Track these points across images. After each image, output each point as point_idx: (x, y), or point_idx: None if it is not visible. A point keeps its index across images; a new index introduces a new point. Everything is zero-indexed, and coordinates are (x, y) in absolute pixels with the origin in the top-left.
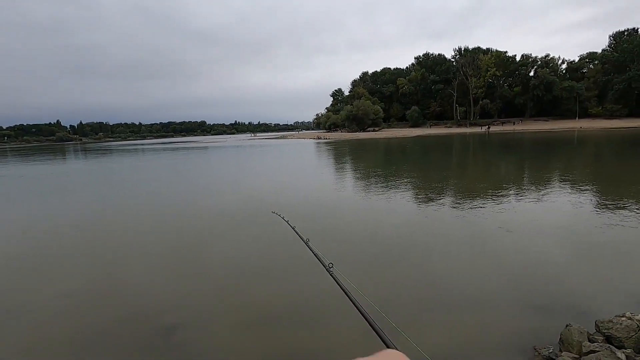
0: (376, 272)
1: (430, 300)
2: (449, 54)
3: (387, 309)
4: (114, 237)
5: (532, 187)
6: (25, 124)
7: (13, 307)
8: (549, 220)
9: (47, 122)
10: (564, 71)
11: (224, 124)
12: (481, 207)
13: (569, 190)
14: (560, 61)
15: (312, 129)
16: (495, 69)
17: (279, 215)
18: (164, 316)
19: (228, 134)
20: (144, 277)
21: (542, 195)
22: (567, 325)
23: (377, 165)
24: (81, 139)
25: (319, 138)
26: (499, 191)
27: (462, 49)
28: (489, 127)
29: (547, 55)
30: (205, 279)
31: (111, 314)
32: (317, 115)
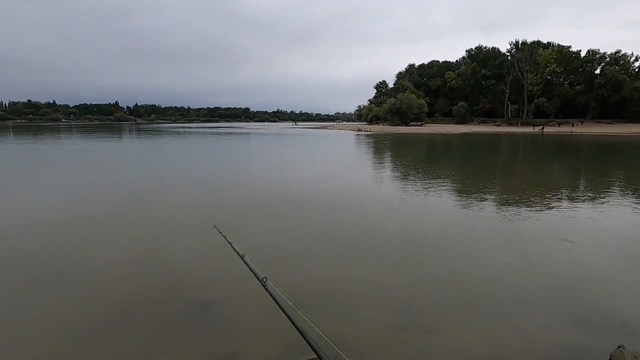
0: (406, 270)
1: (462, 303)
2: (503, 47)
3: (417, 306)
4: (160, 211)
5: (590, 194)
6: (88, 104)
7: (67, 268)
8: (607, 231)
9: (107, 103)
10: (636, 70)
11: (266, 112)
12: (529, 212)
13: (634, 200)
14: (633, 58)
15: (353, 121)
16: (555, 64)
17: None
18: (203, 290)
19: (270, 121)
20: (185, 251)
21: (601, 203)
22: (619, 347)
23: (417, 161)
24: (136, 120)
25: (359, 130)
26: (551, 196)
27: (520, 42)
28: (542, 128)
29: (618, 52)
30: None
31: (154, 284)
32: (358, 106)
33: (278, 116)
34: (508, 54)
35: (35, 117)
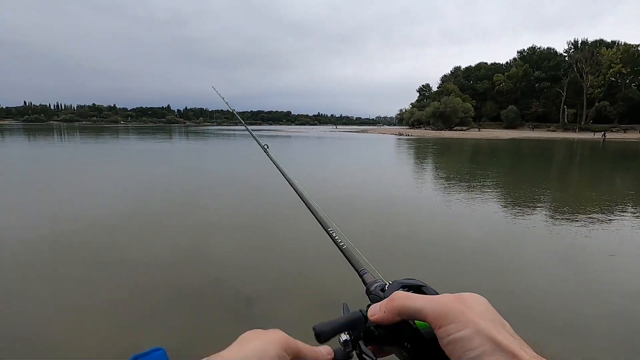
0: (449, 279)
1: (510, 318)
2: (560, 47)
3: None
4: (205, 208)
5: None
6: (144, 107)
7: (119, 260)
8: None
9: (160, 106)
10: None
11: (307, 115)
12: (584, 227)
13: None
14: None
15: (394, 125)
16: (620, 65)
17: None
18: (244, 287)
19: (310, 124)
20: (227, 249)
21: None
22: None
23: (462, 168)
24: (185, 122)
25: (400, 134)
26: (612, 210)
27: (579, 41)
28: (604, 134)
29: None
30: (285, 256)
31: (198, 279)
32: (400, 110)
33: (319, 119)
34: (565, 54)
35: (98, 119)
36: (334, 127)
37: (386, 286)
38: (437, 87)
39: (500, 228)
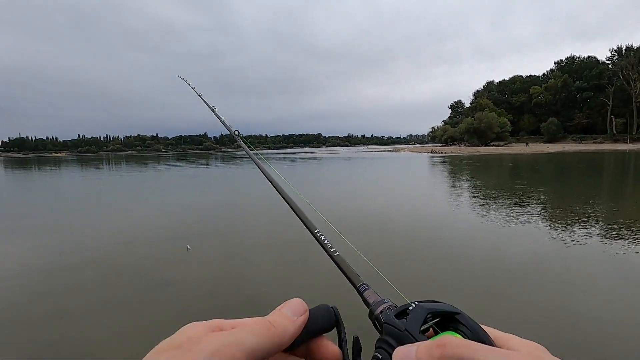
0: (497, 301)
1: (568, 343)
2: (601, 55)
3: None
4: (246, 231)
5: None
6: (182, 135)
7: (164, 279)
8: None
9: (198, 134)
10: None
11: (338, 136)
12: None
13: None
14: None
15: (427, 143)
16: None
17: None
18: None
19: (341, 145)
20: (262, 270)
21: None
22: None
23: (501, 185)
24: (220, 148)
25: (433, 152)
26: None
27: (624, 47)
28: None
29: None
30: (319, 276)
31: (236, 299)
32: (432, 128)
33: (349, 140)
34: (609, 62)
35: (142, 148)
36: (365, 147)
37: (408, 308)
38: (470, 103)
39: (550, 246)
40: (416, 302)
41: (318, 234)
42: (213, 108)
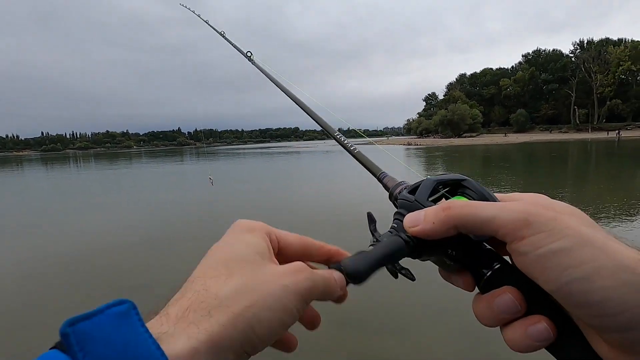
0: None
1: None
2: (566, 49)
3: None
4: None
5: None
6: (155, 131)
7: (149, 282)
8: None
9: (171, 130)
10: None
11: (315, 130)
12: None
13: None
14: None
15: (402, 135)
16: (630, 62)
17: None
18: None
19: (319, 139)
20: None
21: None
22: None
23: (475, 174)
24: (195, 144)
25: (409, 144)
26: (636, 213)
27: (585, 41)
28: (619, 132)
29: None
30: None
31: None
32: (407, 120)
33: (327, 134)
34: (572, 55)
35: (112, 145)
36: None
37: (418, 185)
38: (444, 95)
39: None
40: (427, 177)
41: (338, 136)
42: (222, 33)
